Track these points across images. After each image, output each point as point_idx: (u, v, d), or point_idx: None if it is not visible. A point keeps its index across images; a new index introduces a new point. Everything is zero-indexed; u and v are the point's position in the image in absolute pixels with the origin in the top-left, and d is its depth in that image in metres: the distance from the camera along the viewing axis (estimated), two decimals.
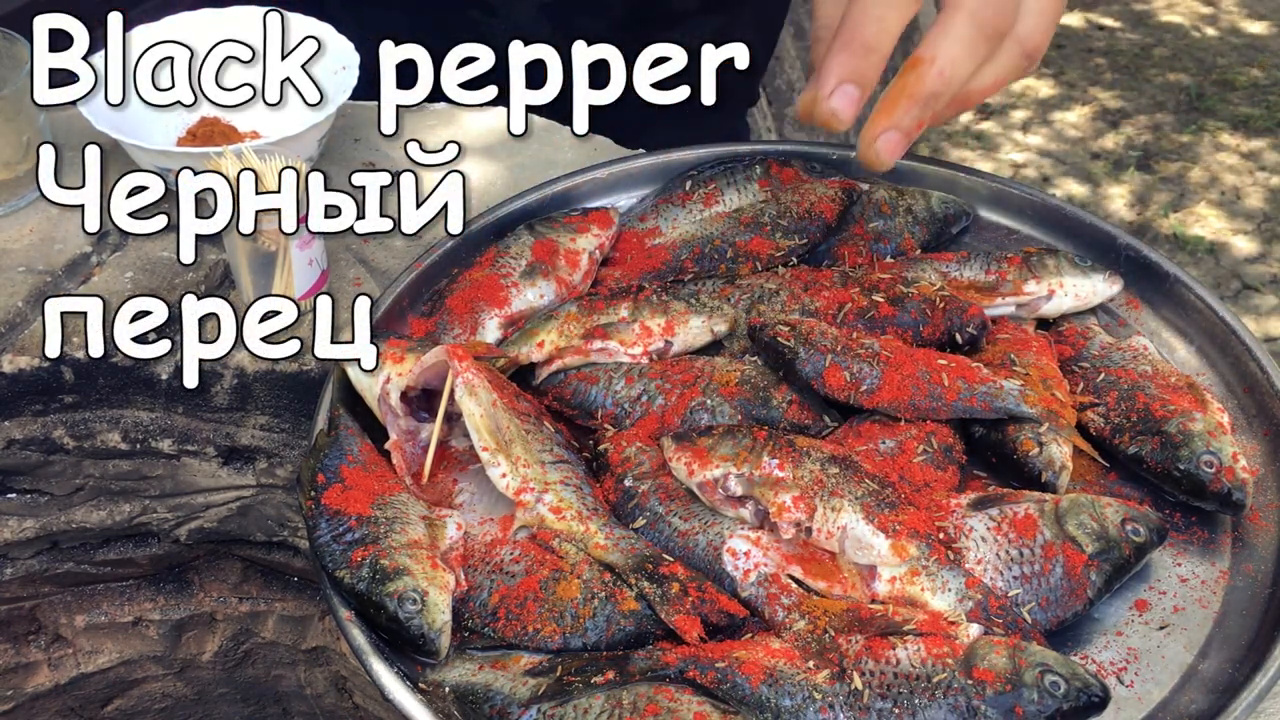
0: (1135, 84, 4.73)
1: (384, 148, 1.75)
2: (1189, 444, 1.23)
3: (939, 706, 1.02)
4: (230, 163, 1.42)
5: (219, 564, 1.73)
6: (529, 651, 1.11)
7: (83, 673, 1.79)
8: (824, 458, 1.19)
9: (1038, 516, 1.16)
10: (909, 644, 1.06)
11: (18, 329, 1.48)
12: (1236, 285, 3.87)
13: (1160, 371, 1.33)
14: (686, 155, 1.60)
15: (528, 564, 1.15)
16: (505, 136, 1.78)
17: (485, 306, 1.40)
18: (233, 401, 1.50)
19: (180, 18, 1.72)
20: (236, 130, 1.69)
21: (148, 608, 1.75)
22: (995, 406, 1.26)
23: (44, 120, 1.63)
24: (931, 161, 1.59)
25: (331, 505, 1.17)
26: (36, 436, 1.51)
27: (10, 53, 1.60)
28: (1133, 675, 1.13)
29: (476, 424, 1.21)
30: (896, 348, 1.30)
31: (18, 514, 1.58)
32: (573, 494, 1.19)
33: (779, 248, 1.47)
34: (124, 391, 1.50)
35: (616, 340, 1.35)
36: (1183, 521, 1.25)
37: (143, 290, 1.52)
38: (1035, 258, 1.43)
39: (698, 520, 1.19)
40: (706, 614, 1.09)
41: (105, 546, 1.66)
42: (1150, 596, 1.19)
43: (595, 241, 1.48)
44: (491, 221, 1.52)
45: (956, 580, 1.12)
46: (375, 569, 1.11)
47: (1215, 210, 4.15)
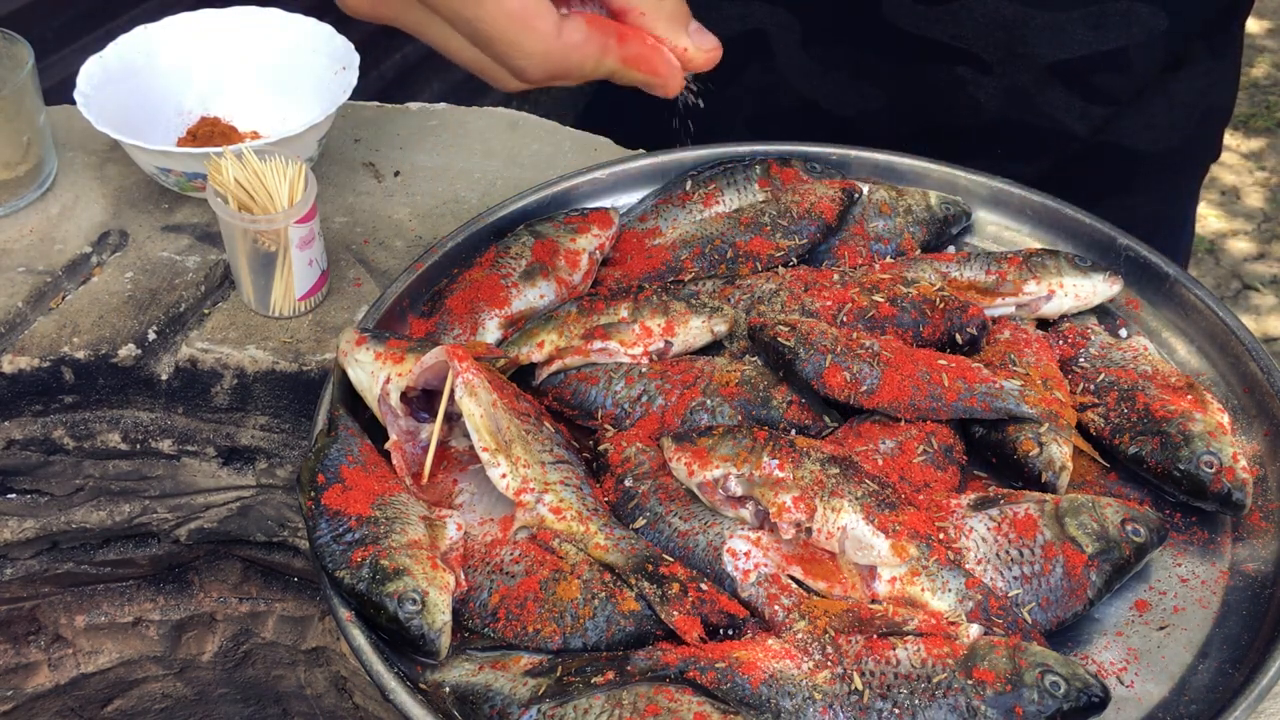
0: None
1: (384, 148, 1.75)
2: (1189, 444, 1.23)
3: (939, 707, 1.02)
4: (230, 163, 1.42)
5: (219, 564, 1.73)
6: (529, 652, 1.11)
7: (83, 673, 1.79)
8: (824, 458, 1.19)
9: (1038, 517, 1.16)
10: (909, 644, 1.06)
11: (18, 329, 1.48)
12: (1236, 285, 3.87)
13: (1160, 372, 1.33)
14: (686, 155, 1.60)
15: (528, 564, 1.15)
16: (505, 136, 1.78)
17: (485, 307, 1.40)
18: (233, 401, 1.50)
19: (180, 18, 1.72)
20: (236, 130, 1.69)
21: (148, 608, 1.75)
22: (995, 406, 1.26)
23: (44, 120, 1.63)
24: (932, 161, 1.59)
25: (331, 505, 1.17)
26: (36, 437, 1.51)
27: (10, 53, 1.60)
28: (1133, 675, 1.13)
29: (476, 424, 1.21)
30: (896, 348, 1.30)
31: (18, 514, 1.58)
32: (573, 494, 1.19)
33: (779, 248, 1.47)
34: (124, 391, 1.50)
35: (616, 340, 1.34)
36: (1183, 521, 1.25)
37: (143, 290, 1.52)
38: (1035, 258, 1.43)
39: (698, 520, 1.19)
40: (706, 614, 1.09)
41: (105, 547, 1.66)
42: (1150, 596, 1.19)
43: (595, 242, 1.48)
44: (491, 221, 1.52)
45: (957, 580, 1.12)
46: (375, 569, 1.11)
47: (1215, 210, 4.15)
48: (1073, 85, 1.68)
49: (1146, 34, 1.63)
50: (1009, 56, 1.66)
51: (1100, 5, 1.60)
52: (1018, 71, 1.67)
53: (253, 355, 1.47)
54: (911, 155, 1.60)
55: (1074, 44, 1.64)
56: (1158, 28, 1.63)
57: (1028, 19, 1.61)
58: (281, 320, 1.50)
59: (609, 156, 1.69)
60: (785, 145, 1.60)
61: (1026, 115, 1.71)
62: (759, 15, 1.75)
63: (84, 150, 1.72)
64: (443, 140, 1.77)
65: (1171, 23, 1.64)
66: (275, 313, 1.50)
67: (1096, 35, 1.63)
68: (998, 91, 1.68)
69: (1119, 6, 1.60)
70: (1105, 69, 1.67)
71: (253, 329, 1.50)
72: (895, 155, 1.60)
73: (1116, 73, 1.68)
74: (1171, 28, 1.64)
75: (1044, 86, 1.68)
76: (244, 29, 1.74)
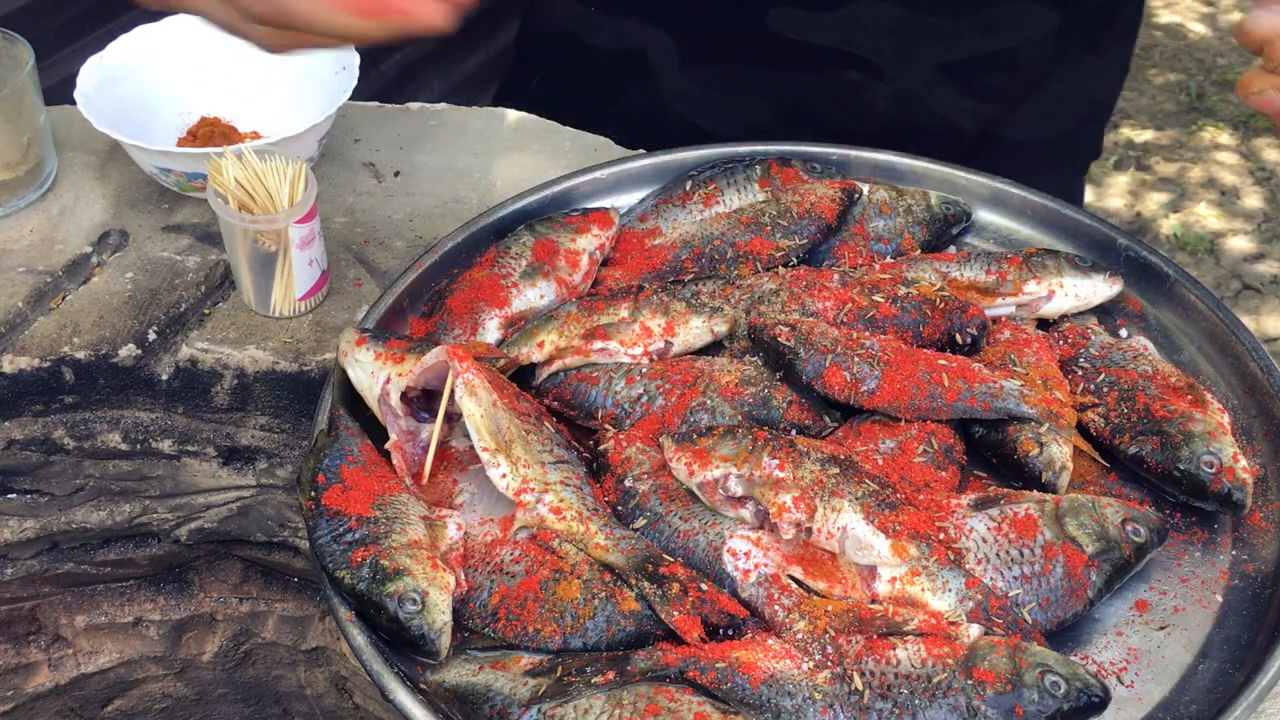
0: (1135, 84, 4.73)
1: (384, 148, 1.75)
2: (1189, 444, 1.23)
3: (939, 707, 1.02)
4: (230, 163, 1.42)
5: (219, 564, 1.73)
6: (529, 652, 1.11)
7: (83, 673, 1.79)
8: (824, 458, 1.19)
9: (1038, 517, 1.16)
10: (909, 644, 1.06)
11: (18, 329, 1.48)
12: (1236, 285, 3.87)
13: (1160, 372, 1.33)
14: (687, 155, 1.60)
15: (528, 564, 1.15)
16: (505, 136, 1.78)
17: (485, 307, 1.40)
18: (233, 402, 1.50)
19: (180, 18, 1.72)
20: (236, 130, 1.69)
21: (148, 608, 1.75)
22: (995, 406, 1.26)
23: (44, 120, 1.63)
24: (932, 161, 1.59)
25: (332, 505, 1.17)
26: (37, 437, 1.51)
27: (10, 53, 1.60)
28: (1133, 675, 1.13)
29: (476, 424, 1.21)
30: (896, 348, 1.30)
31: (18, 514, 1.58)
32: (573, 494, 1.19)
33: (779, 248, 1.47)
34: (124, 392, 1.50)
35: (617, 340, 1.34)
36: (1183, 521, 1.25)
37: (143, 290, 1.52)
38: (1035, 258, 1.43)
39: (698, 520, 1.19)
40: (706, 614, 1.09)
41: (105, 547, 1.66)
42: (1150, 596, 1.19)
43: (595, 242, 1.48)
44: (491, 221, 1.52)
45: (957, 580, 1.12)
46: (375, 569, 1.11)
47: (1215, 210, 4.15)
48: (963, 86, 1.69)
49: (1038, 32, 1.64)
50: (899, 60, 1.66)
51: (992, 9, 1.60)
52: (908, 74, 1.67)
53: (253, 355, 1.47)
54: (911, 155, 1.60)
55: (964, 46, 1.64)
56: (1049, 25, 1.64)
57: (917, 22, 1.61)
58: (281, 320, 1.50)
59: (609, 156, 1.69)
60: (785, 145, 1.60)
61: (918, 116, 1.71)
62: (636, 34, 1.73)
63: (84, 150, 1.72)
64: (443, 140, 1.77)
65: (1063, 19, 1.64)
66: (275, 313, 1.50)
67: (987, 37, 1.64)
68: (889, 94, 1.69)
69: (1012, 9, 1.61)
70: (995, 69, 1.68)
71: (253, 329, 1.50)
72: (895, 155, 1.60)
73: (1006, 72, 1.69)
74: (1064, 24, 1.65)
75: (934, 88, 1.69)
76: None
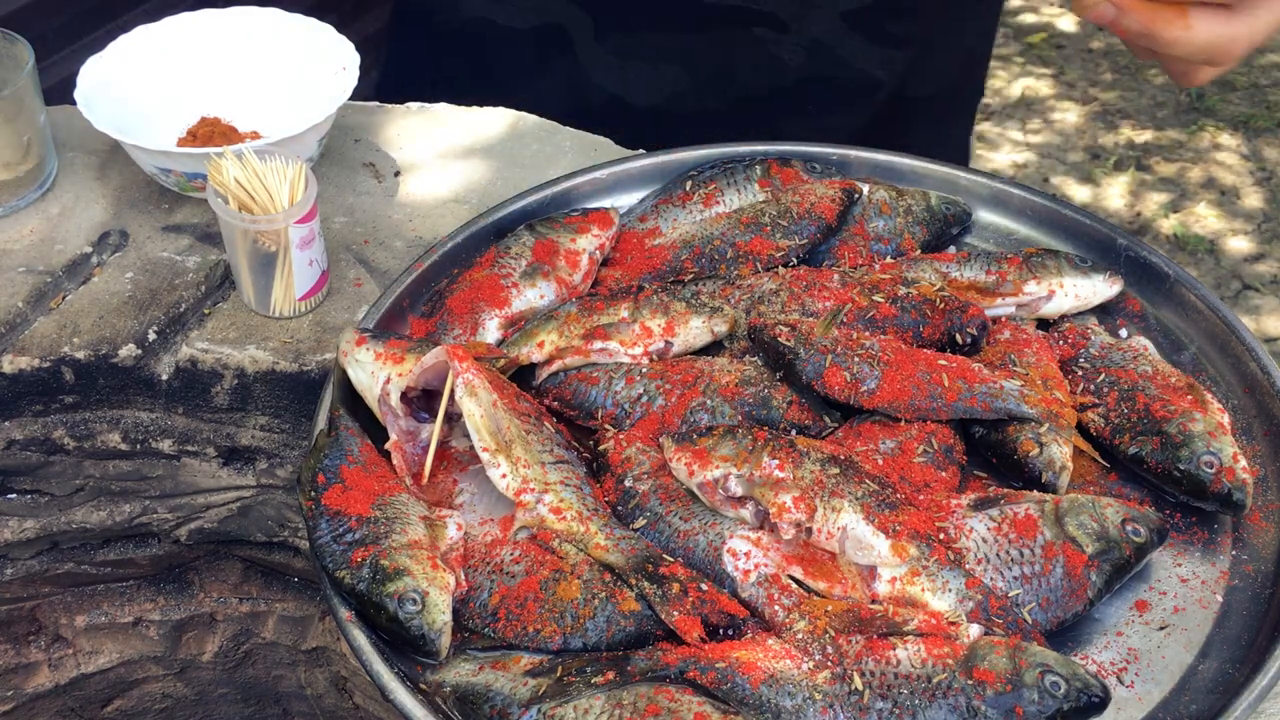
0: (1135, 84, 4.73)
1: (384, 148, 1.75)
2: (1189, 444, 1.23)
3: (939, 707, 1.02)
4: (230, 163, 1.42)
5: (219, 564, 1.73)
6: (529, 652, 1.11)
7: (83, 673, 1.79)
8: (824, 458, 1.19)
9: (1038, 517, 1.16)
10: (909, 644, 1.06)
11: (18, 329, 1.48)
12: (1236, 285, 3.87)
13: (1160, 372, 1.33)
14: (687, 155, 1.60)
15: (528, 564, 1.15)
16: (505, 136, 1.78)
17: (485, 307, 1.40)
18: (233, 402, 1.50)
19: (180, 18, 1.72)
20: (236, 130, 1.69)
21: (148, 608, 1.75)
22: (995, 407, 1.26)
23: (44, 120, 1.63)
24: (931, 161, 1.59)
25: (332, 505, 1.17)
26: (37, 437, 1.51)
27: (10, 53, 1.60)
28: (1133, 675, 1.13)
29: (476, 424, 1.21)
30: (896, 348, 1.30)
31: (18, 514, 1.58)
32: (573, 494, 1.19)
33: (779, 248, 1.47)
34: (124, 392, 1.50)
35: (616, 340, 1.34)
36: (1183, 521, 1.25)
37: (143, 291, 1.52)
38: (1035, 258, 1.43)
39: (698, 520, 1.19)
40: (706, 614, 1.09)
41: (105, 547, 1.66)
42: (1150, 596, 1.19)
43: (595, 242, 1.48)
44: (491, 221, 1.52)
45: (957, 581, 1.12)
46: (375, 569, 1.11)
47: (1214, 210, 4.15)
48: (871, 34, 1.75)
49: None
50: (804, 10, 1.71)
51: None
52: (814, 24, 1.73)
53: (253, 355, 1.47)
54: (911, 155, 1.60)
55: None
56: None
57: None
58: (282, 320, 1.50)
59: (609, 156, 1.69)
60: (785, 145, 1.60)
61: (830, 69, 1.76)
62: (554, 9, 1.77)
63: (84, 150, 1.71)
64: (443, 140, 1.77)
65: None
66: (275, 313, 1.50)
67: None
68: (799, 48, 1.73)
69: None
70: (896, 14, 1.75)
71: (253, 329, 1.50)
72: (895, 155, 1.60)
73: (906, 17, 1.76)
74: None
75: (843, 37, 1.74)
76: (244, 29, 1.74)
